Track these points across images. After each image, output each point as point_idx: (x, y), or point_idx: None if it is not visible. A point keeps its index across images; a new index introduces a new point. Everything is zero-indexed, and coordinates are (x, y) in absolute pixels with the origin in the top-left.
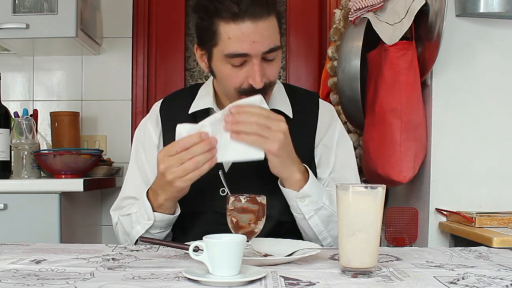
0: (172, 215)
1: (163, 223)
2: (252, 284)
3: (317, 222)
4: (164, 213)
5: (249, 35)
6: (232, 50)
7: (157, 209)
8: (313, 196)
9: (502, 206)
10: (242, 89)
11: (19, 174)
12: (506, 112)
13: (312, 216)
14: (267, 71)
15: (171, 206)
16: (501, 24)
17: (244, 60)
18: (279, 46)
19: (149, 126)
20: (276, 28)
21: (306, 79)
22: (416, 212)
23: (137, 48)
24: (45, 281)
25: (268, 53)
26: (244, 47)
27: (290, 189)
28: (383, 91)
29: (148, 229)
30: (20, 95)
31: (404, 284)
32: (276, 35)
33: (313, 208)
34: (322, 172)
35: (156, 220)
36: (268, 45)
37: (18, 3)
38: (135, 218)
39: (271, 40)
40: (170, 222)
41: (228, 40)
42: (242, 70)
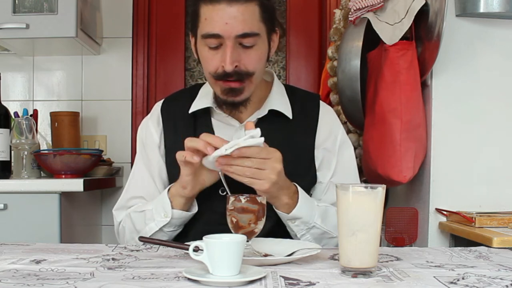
0: (189, 212)
1: (178, 221)
2: (252, 284)
3: (309, 239)
4: (183, 210)
5: (222, 16)
6: (206, 30)
7: (175, 206)
8: (304, 218)
9: (502, 206)
10: (216, 74)
11: (19, 174)
12: (506, 112)
13: (304, 234)
14: (243, 58)
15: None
16: (501, 24)
17: (220, 43)
18: (257, 33)
19: (150, 126)
20: (255, 15)
21: (306, 79)
22: (416, 212)
23: (137, 48)
24: (45, 281)
25: (242, 37)
26: (216, 28)
27: (279, 211)
28: (383, 91)
29: (162, 227)
30: (20, 95)
31: (404, 284)
32: (254, 21)
33: (304, 228)
34: (322, 175)
35: (174, 217)
36: (242, 29)
37: (18, 3)
38: (149, 215)
39: (246, 25)
40: (185, 220)
41: (205, 21)
42: (218, 54)
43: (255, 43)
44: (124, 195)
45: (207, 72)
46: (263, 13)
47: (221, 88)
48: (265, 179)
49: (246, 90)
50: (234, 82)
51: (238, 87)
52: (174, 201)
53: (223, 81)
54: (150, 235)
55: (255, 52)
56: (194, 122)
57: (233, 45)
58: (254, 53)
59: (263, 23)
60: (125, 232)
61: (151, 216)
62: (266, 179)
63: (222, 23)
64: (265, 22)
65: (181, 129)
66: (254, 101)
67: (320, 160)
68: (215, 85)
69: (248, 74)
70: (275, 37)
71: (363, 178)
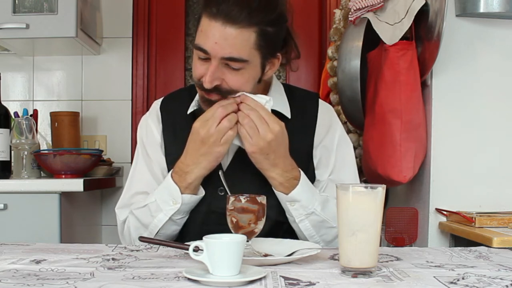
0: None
1: (187, 207)
2: (252, 284)
3: (307, 227)
4: (192, 193)
5: (214, 34)
6: (198, 42)
7: (184, 191)
8: (303, 201)
9: (502, 206)
10: (198, 83)
11: (19, 174)
12: (506, 112)
13: (302, 220)
14: (227, 77)
15: (198, 184)
16: (501, 24)
17: (208, 57)
18: (245, 60)
19: (150, 124)
20: (249, 42)
21: (306, 79)
22: (416, 212)
23: (137, 48)
24: (45, 281)
25: (228, 60)
26: (206, 44)
27: (278, 191)
28: (383, 91)
29: (172, 215)
30: (20, 95)
31: (404, 284)
32: (245, 48)
33: (303, 213)
34: (321, 173)
35: (184, 202)
36: (230, 53)
37: (18, 3)
38: (155, 207)
39: (235, 50)
40: (193, 205)
41: (200, 32)
42: (204, 66)
43: (243, 68)
44: (126, 193)
45: (193, 77)
46: (260, 40)
47: (201, 97)
48: (254, 140)
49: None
50: (215, 95)
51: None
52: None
53: (204, 92)
54: (160, 227)
55: (241, 76)
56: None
57: (217, 64)
58: (240, 76)
59: (258, 50)
60: (130, 231)
61: (157, 207)
62: (254, 141)
63: (212, 41)
64: (261, 49)
65: (180, 129)
66: None
67: (318, 158)
68: (199, 91)
69: (230, 92)
70: (276, 61)
71: (363, 178)
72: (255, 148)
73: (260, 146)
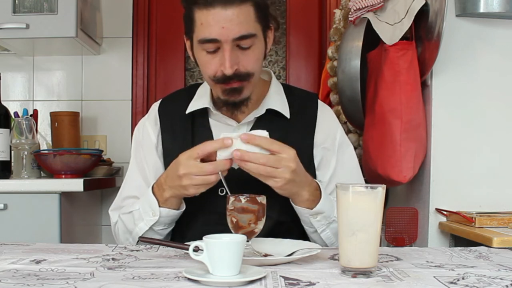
0: (177, 210)
1: (168, 219)
2: (252, 284)
3: (328, 235)
4: (170, 208)
5: (219, 20)
6: (203, 35)
7: (162, 205)
8: (326, 212)
9: (502, 206)
10: (216, 77)
11: (19, 174)
12: (506, 112)
13: (324, 229)
14: (242, 59)
15: (176, 202)
16: (501, 24)
17: (217, 47)
18: (253, 34)
19: (147, 126)
20: (250, 16)
21: (306, 79)
22: (416, 212)
23: (137, 48)
24: (45, 281)
25: (240, 40)
26: (213, 33)
27: (301, 207)
28: (383, 91)
29: (152, 226)
30: (20, 95)
31: (404, 284)
32: (250, 22)
33: (325, 223)
34: (322, 174)
35: (162, 216)
36: (239, 32)
37: (18, 3)
38: (137, 215)
39: (243, 27)
40: (175, 218)
41: (201, 26)
42: (216, 58)
43: (253, 44)
44: (119, 196)
45: (206, 76)
46: (258, 12)
47: (222, 89)
48: (279, 178)
49: (246, 89)
50: (235, 83)
51: (238, 87)
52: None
53: (223, 84)
54: (142, 235)
55: (253, 53)
56: (191, 122)
57: (231, 48)
58: (252, 53)
59: (259, 23)
60: (119, 234)
61: (139, 216)
62: (280, 178)
63: (219, 27)
64: (260, 21)
65: (179, 130)
66: (252, 100)
67: (319, 159)
68: (215, 87)
69: (248, 75)
70: (270, 33)
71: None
72: (281, 183)
73: (287, 178)
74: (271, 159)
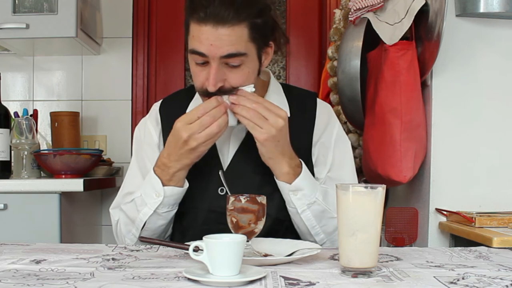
0: (181, 188)
1: (172, 199)
2: (252, 284)
3: (309, 217)
4: (175, 186)
5: (208, 37)
6: (193, 46)
7: (166, 183)
8: (306, 190)
9: (502, 206)
10: (202, 90)
11: (19, 174)
12: (506, 112)
13: (304, 210)
14: (229, 76)
15: (182, 176)
16: (501, 24)
17: (206, 61)
18: (243, 53)
19: (149, 125)
20: (243, 36)
21: (306, 79)
22: (416, 212)
23: (137, 48)
24: (45, 281)
25: (227, 58)
26: (201, 48)
27: (282, 181)
28: (383, 91)
29: (156, 209)
30: (20, 95)
31: (404, 284)
32: (241, 43)
33: (305, 202)
34: (319, 171)
35: (166, 195)
36: (227, 50)
37: (18, 3)
38: (140, 201)
39: (232, 46)
40: (179, 197)
41: (192, 38)
42: (204, 71)
43: (242, 63)
44: (119, 194)
45: (195, 86)
46: (253, 33)
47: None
48: (265, 129)
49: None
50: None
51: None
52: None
53: (207, 97)
54: (146, 221)
55: (242, 71)
56: None
57: (217, 65)
58: (241, 72)
59: (253, 43)
60: (121, 228)
61: (141, 201)
62: (265, 130)
63: (207, 44)
64: (255, 41)
65: None
66: None
67: (316, 155)
68: (202, 99)
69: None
70: (270, 50)
71: (363, 178)
72: (266, 135)
73: (272, 134)
74: (262, 108)
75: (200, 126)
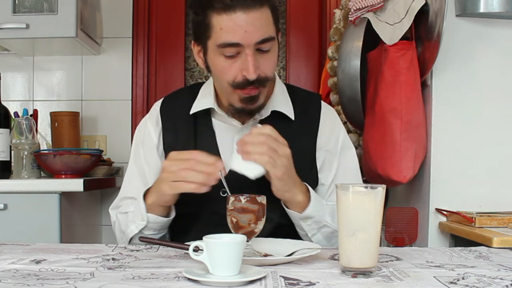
0: (166, 218)
1: (156, 225)
2: (252, 284)
3: (320, 239)
4: (157, 215)
5: (241, 25)
6: (224, 39)
7: (149, 210)
8: (316, 217)
9: (502, 206)
10: (235, 82)
11: (19, 174)
12: (506, 112)
13: (314, 234)
14: (262, 64)
15: (160, 210)
16: (501, 24)
17: (237, 52)
18: (273, 37)
19: (149, 126)
20: (269, 19)
21: (306, 79)
22: (416, 212)
23: (137, 48)
24: (45, 281)
25: (262, 43)
26: (236, 37)
27: (293, 211)
28: (383, 91)
29: (141, 230)
30: (20, 95)
31: (404, 284)
32: (269, 25)
33: (315, 227)
34: (324, 177)
35: (149, 221)
36: (261, 35)
37: (18, 3)
38: (131, 217)
39: (264, 31)
40: (163, 225)
41: (220, 30)
42: (236, 63)
43: (272, 47)
44: (118, 196)
45: (225, 81)
46: (273, 15)
47: (240, 97)
48: (279, 162)
49: (261, 95)
50: (253, 89)
51: (255, 94)
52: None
53: (242, 90)
54: (132, 237)
55: (272, 56)
56: (194, 122)
57: (253, 52)
58: (271, 57)
59: (274, 25)
60: (116, 233)
61: (132, 218)
62: (280, 163)
63: (241, 31)
64: (275, 23)
65: (181, 129)
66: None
67: (322, 161)
68: (233, 94)
69: (267, 80)
70: (280, 36)
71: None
72: (283, 169)
73: (286, 165)
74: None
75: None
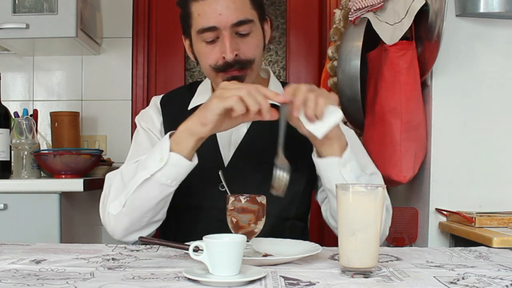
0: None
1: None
2: (252, 284)
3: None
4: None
5: (216, 8)
6: (201, 24)
7: (174, 147)
8: (354, 161)
9: (502, 206)
10: (217, 66)
11: (19, 174)
12: (506, 112)
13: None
14: (242, 46)
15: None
16: (501, 24)
17: (216, 36)
18: (251, 19)
19: (151, 114)
20: (246, 2)
21: (306, 79)
22: (416, 212)
23: (137, 48)
24: (45, 281)
25: (238, 26)
26: (211, 20)
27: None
28: (383, 91)
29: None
30: (20, 95)
31: (404, 284)
32: (245, 8)
33: (355, 175)
34: None
35: (169, 162)
36: (236, 17)
37: (18, 3)
38: (143, 163)
39: (240, 13)
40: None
41: (198, 16)
42: (216, 47)
43: (251, 30)
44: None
45: (207, 65)
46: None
47: (223, 79)
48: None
49: (248, 78)
50: (236, 71)
51: (240, 75)
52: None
53: (224, 72)
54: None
55: (252, 39)
56: None
57: (230, 34)
58: (251, 40)
59: (255, 10)
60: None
61: (144, 163)
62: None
63: (216, 14)
64: (256, 9)
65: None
66: None
67: None
68: (217, 78)
69: (249, 62)
70: (267, 26)
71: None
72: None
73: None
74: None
75: (237, 85)
